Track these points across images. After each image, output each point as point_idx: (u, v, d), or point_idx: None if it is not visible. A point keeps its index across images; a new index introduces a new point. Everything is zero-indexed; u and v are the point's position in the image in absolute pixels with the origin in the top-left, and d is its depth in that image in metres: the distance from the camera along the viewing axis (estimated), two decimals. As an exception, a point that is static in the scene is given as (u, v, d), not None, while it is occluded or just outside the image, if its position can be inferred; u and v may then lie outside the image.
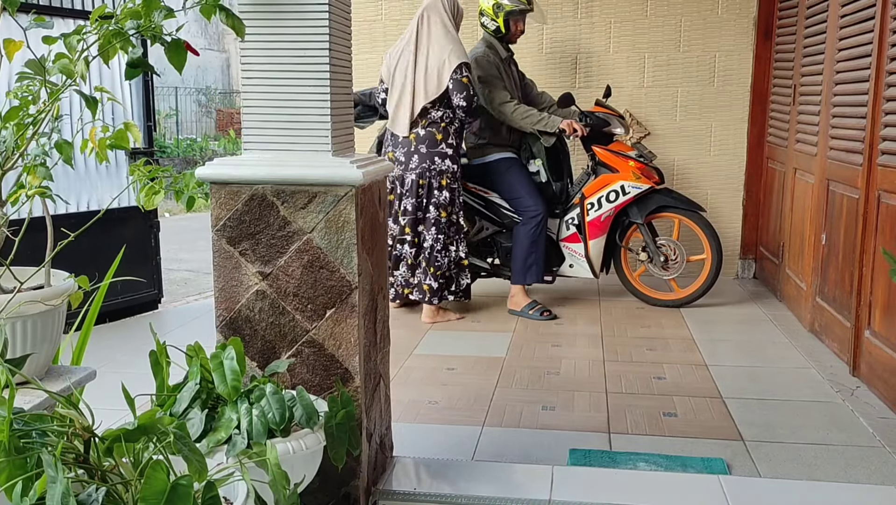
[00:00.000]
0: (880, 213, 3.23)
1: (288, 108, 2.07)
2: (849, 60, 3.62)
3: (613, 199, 4.44)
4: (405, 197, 4.22)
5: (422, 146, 4.17)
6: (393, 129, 4.25)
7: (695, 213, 4.47)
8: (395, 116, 4.23)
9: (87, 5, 4.25)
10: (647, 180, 4.44)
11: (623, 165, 4.46)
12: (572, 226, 4.54)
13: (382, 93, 4.35)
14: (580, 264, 4.55)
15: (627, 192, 4.43)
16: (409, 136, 4.18)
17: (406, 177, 4.20)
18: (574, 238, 4.54)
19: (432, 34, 4.13)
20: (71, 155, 1.82)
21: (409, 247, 4.27)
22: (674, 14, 5.21)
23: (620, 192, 4.44)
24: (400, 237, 4.27)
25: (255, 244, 2.10)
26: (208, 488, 1.32)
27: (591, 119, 4.52)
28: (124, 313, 4.44)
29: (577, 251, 4.53)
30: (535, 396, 3.23)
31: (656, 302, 4.62)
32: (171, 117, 15.92)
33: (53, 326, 1.76)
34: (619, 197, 4.44)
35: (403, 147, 4.20)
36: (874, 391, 3.21)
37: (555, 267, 4.64)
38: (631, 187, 4.42)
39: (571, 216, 4.54)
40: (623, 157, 4.48)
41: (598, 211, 4.47)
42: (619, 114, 4.65)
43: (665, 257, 4.57)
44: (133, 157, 4.43)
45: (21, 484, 1.22)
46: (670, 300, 4.60)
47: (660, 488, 2.36)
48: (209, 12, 1.79)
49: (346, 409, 1.91)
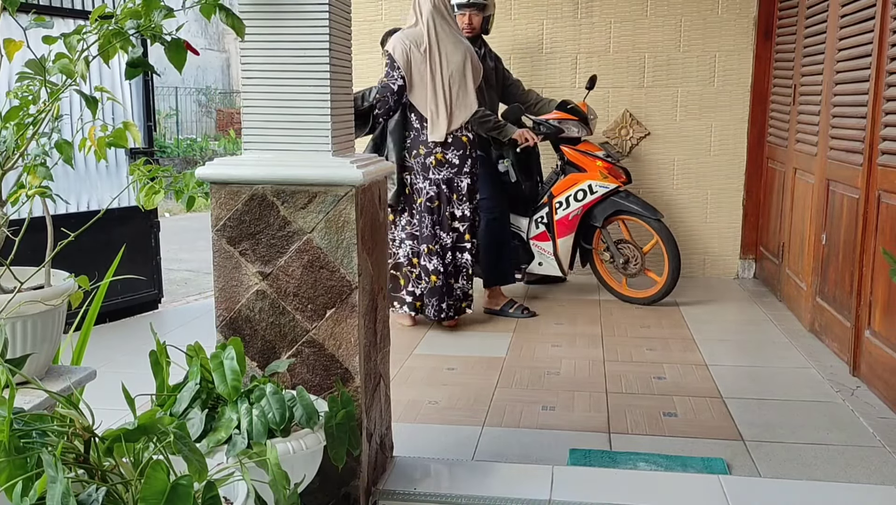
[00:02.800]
0: (880, 213, 3.23)
1: (288, 108, 2.07)
2: (849, 60, 3.62)
3: (581, 198, 4.54)
4: (461, 202, 4.07)
5: (474, 150, 4.11)
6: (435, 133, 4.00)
7: (653, 219, 4.54)
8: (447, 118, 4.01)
9: (87, 5, 4.25)
10: (614, 179, 4.53)
11: (591, 165, 4.55)
12: (541, 224, 4.64)
13: (400, 80, 3.97)
14: (549, 262, 4.67)
15: (595, 191, 4.53)
16: (461, 137, 4.04)
17: (460, 181, 4.06)
18: (543, 237, 4.65)
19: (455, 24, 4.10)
20: (71, 155, 1.82)
21: (468, 255, 4.12)
22: (674, 14, 5.21)
23: (588, 191, 4.54)
24: (459, 245, 4.11)
25: (255, 244, 2.10)
26: (208, 488, 1.32)
27: (544, 127, 4.61)
28: (124, 313, 4.44)
29: (546, 249, 4.65)
30: (535, 396, 3.23)
31: (627, 298, 4.73)
32: (171, 117, 15.92)
33: (53, 326, 1.76)
34: (587, 196, 4.54)
35: (458, 149, 4.04)
36: (874, 391, 3.21)
37: (524, 265, 4.75)
38: (598, 186, 4.52)
39: (540, 215, 4.65)
40: (591, 157, 4.57)
41: (566, 210, 4.57)
42: (583, 116, 4.68)
43: (625, 259, 4.67)
44: (133, 156, 4.43)
45: (21, 484, 1.22)
46: (640, 298, 4.70)
47: (660, 488, 2.36)
48: (209, 12, 1.79)
49: (346, 409, 1.91)
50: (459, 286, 4.14)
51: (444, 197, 4.06)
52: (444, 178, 4.05)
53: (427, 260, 4.06)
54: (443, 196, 4.06)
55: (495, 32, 5.37)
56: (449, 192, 4.07)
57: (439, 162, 4.03)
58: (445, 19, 4.03)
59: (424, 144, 4.04)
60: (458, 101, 4.03)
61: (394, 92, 3.97)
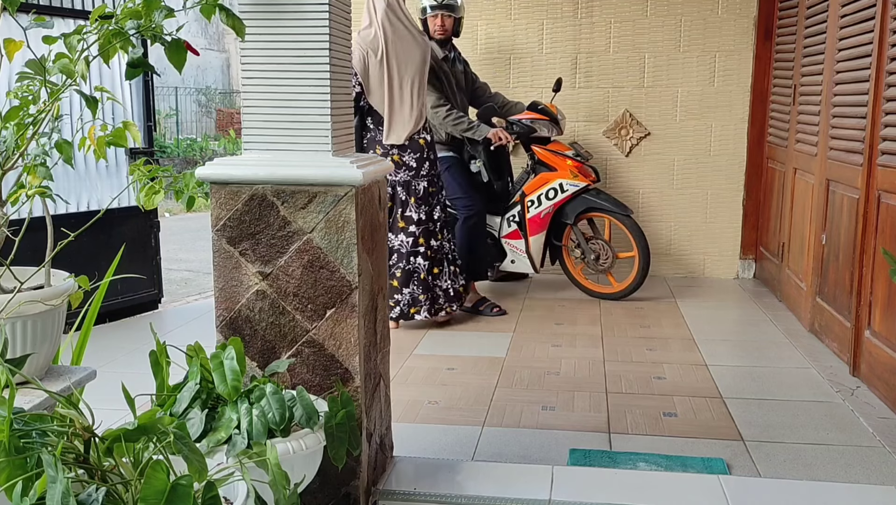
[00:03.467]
0: (880, 213, 3.23)
1: (288, 108, 2.07)
2: (849, 60, 3.62)
3: (552, 196, 4.62)
4: (418, 206, 4.03)
5: (431, 152, 4.10)
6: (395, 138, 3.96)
7: (623, 215, 4.64)
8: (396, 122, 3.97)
9: (87, 5, 4.25)
10: (584, 178, 4.62)
11: (561, 164, 4.64)
12: (513, 223, 4.72)
13: (357, 86, 3.92)
14: (521, 260, 4.75)
15: (566, 189, 4.60)
16: (419, 140, 4.03)
17: (417, 184, 4.04)
18: (515, 235, 4.72)
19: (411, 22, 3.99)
20: (71, 155, 1.82)
21: (422, 259, 4.08)
22: (674, 14, 5.21)
23: (559, 190, 4.61)
24: (413, 249, 4.06)
25: (255, 244, 2.10)
26: (208, 488, 1.32)
27: (517, 126, 4.68)
28: (124, 313, 4.44)
29: (518, 247, 4.73)
30: (535, 396, 3.23)
31: (597, 295, 4.82)
32: (171, 117, 15.92)
33: (53, 326, 1.76)
34: (558, 194, 4.62)
35: (414, 152, 4.02)
36: (874, 391, 3.21)
37: (497, 263, 4.84)
38: (569, 185, 4.60)
39: (512, 213, 4.72)
40: (561, 157, 4.66)
41: (537, 208, 4.64)
42: (553, 117, 4.74)
43: (596, 255, 4.76)
44: (133, 156, 4.43)
45: (21, 484, 1.22)
46: (608, 293, 4.81)
47: (660, 488, 2.36)
48: (209, 12, 1.79)
49: (346, 409, 1.91)
50: (409, 291, 4.09)
51: (399, 200, 4.04)
52: (402, 180, 4.03)
53: None
54: (397, 199, 4.04)
55: (495, 32, 5.38)
56: (406, 195, 4.05)
57: (396, 164, 4.00)
58: (400, 19, 3.92)
59: (381, 145, 4.01)
60: (418, 102, 3.99)
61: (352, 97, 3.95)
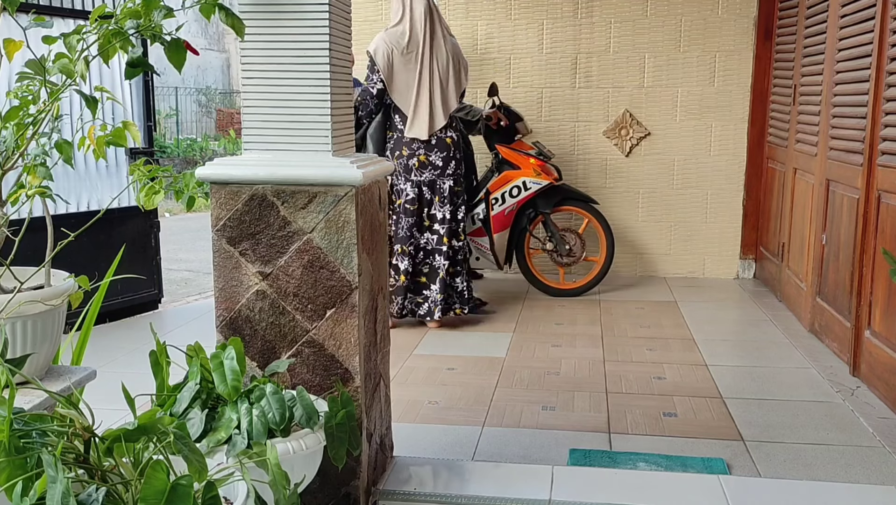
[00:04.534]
0: (880, 213, 3.23)
1: (288, 108, 2.07)
2: (849, 60, 3.62)
3: (516, 194, 4.68)
4: (442, 204, 4.07)
5: (457, 151, 4.11)
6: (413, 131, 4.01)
7: (590, 205, 4.79)
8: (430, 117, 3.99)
9: (87, 5, 4.25)
10: (546, 176, 4.68)
11: (524, 163, 4.70)
12: (478, 220, 4.77)
13: (379, 83, 3.97)
14: (486, 257, 4.81)
15: (529, 187, 4.66)
16: (445, 139, 4.05)
17: (442, 183, 4.07)
18: (480, 232, 4.78)
19: (444, 23, 4.07)
20: (71, 155, 1.82)
21: (443, 259, 4.11)
22: (674, 14, 5.21)
23: (522, 188, 4.67)
24: (437, 247, 4.11)
25: (255, 244, 2.10)
26: (208, 488, 1.32)
27: (505, 111, 4.78)
28: (124, 313, 4.44)
29: (482, 245, 4.79)
30: (535, 396, 3.23)
31: (556, 292, 4.89)
32: (171, 117, 15.92)
33: (53, 326, 1.76)
34: (521, 192, 4.68)
35: (441, 151, 4.05)
36: (874, 391, 3.21)
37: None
38: (532, 183, 4.66)
39: (477, 211, 4.76)
40: (524, 155, 4.72)
41: (501, 206, 4.69)
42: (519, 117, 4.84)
43: (568, 246, 4.85)
44: (133, 156, 4.43)
45: (21, 484, 1.22)
46: (569, 289, 4.90)
47: (660, 488, 2.36)
48: (209, 12, 1.79)
49: (346, 409, 1.91)
50: (436, 288, 4.11)
51: (425, 199, 4.07)
52: (427, 179, 4.05)
53: (399, 260, 4.08)
54: (423, 198, 4.07)
55: (495, 32, 5.38)
56: (431, 195, 4.07)
57: (422, 164, 4.03)
58: (435, 18, 4.01)
59: (408, 146, 4.03)
60: (442, 100, 4.02)
61: (373, 96, 3.97)
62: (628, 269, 5.47)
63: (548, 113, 5.40)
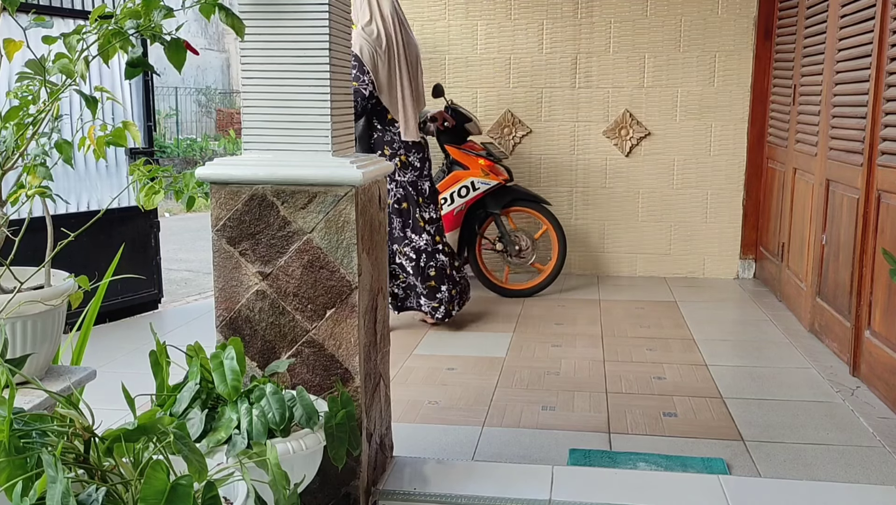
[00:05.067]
0: (880, 213, 3.23)
1: (288, 108, 2.07)
2: (849, 60, 3.62)
3: (465, 194, 4.72)
4: (426, 204, 4.07)
5: (427, 151, 4.10)
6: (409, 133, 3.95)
7: (542, 206, 4.82)
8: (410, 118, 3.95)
9: (87, 5, 4.25)
10: (495, 177, 4.71)
11: (473, 163, 4.73)
12: None
13: (371, 84, 3.83)
14: None
15: (477, 187, 4.70)
16: (420, 141, 4.03)
17: (422, 184, 4.06)
18: None
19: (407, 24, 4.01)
20: (71, 155, 1.82)
21: (444, 256, 4.10)
22: (674, 14, 5.21)
23: (471, 188, 4.71)
24: (435, 247, 4.08)
25: (255, 244, 2.10)
26: (208, 488, 1.32)
27: (453, 112, 4.77)
28: (124, 313, 4.44)
29: None
30: (535, 396, 3.23)
31: (509, 293, 4.89)
32: (171, 117, 15.92)
33: (53, 326, 1.76)
34: (470, 192, 4.72)
35: (418, 152, 4.03)
36: (874, 391, 3.21)
37: None
38: (480, 183, 4.70)
39: None
40: (473, 156, 4.75)
41: (451, 206, 4.74)
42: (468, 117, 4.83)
43: (518, 247, 4.87)
44: (133, 156, 4.43)
45: (21, 484, 1.22)
46: (523, 289, 4.90)
47: (660, 488, 2.36)
48: (209, 12, 1.79)
49: (346, 409, 1.91)
50: (447, 288, 4.11)
51: (412, 199, 4.05)
52: (409, 180, 4.03)
53: (403, 258, 4.08)
54: (410, 198, 4.04)
55: (495, 32, 5.38)
56: (416, 195, 4.06)
57: (403, 164, 3.99)
58: (401, 16, 3.95)
59: (389, 146, 3.98)
60: (415, 99, 4.00)
61: (365, 97, 3.84)
62: (628, 269, 5.47)
63: (548, 113, 5.40)
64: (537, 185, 5.46)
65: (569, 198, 5.45)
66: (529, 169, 5.46)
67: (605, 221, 5.45)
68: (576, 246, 5.47)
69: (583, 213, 5.45)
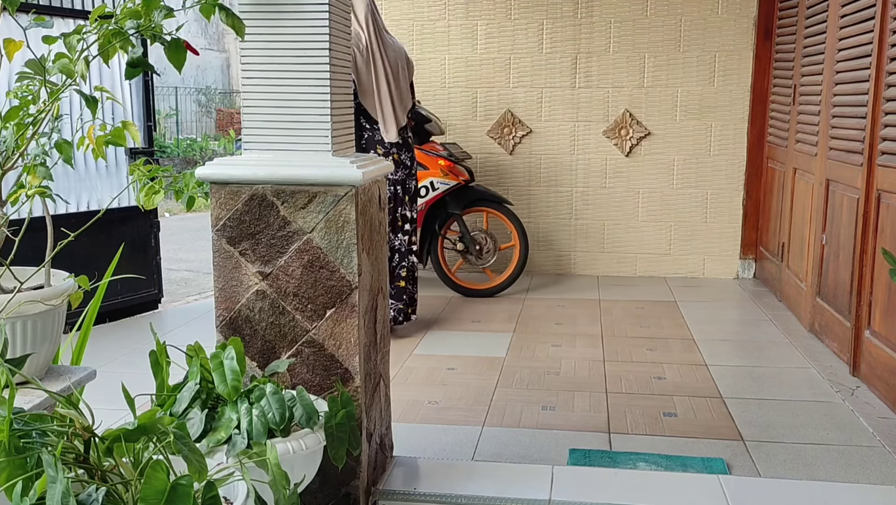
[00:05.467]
0: (880, 213, 3.23)
1: (288, 108, 2.07)
2: (849, 60, 3.62)
3: (424, 194, 4.71)
4: (410, 204, 4.06)
5: (413, 151, 4.10)
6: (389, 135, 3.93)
7: (502, 205, 4.82)
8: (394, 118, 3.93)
9: (87, 5, 4.25)
10: (454, 177, 4.72)
11: (433, 163, 4.72)
12: None
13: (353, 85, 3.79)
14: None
15: (437, 187, 4.70)
16: (407, 140, 4.04)
17: (409, 182, 4.06)
18: None
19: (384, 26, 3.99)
20: (71, 155, 1.82)
21: (416, 258, 4.11)
22: (674, 14, 5.21)
23: (430, 188, 4.71)
24: (409, 248, 4.08)
25: (255, 244, 2.10)
26: (208, 488, 1.32)
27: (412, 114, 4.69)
28: (124, 313, 4.44)
29: None
30: (535, 396, 3.23)
31: (471, 293, 4.89)
32: (171, 117, 15.92)
33: (53, 326, 1.76)
34: (430, 192, 4.72)
35: (407, 151, 4.04)
36: (874, 391, 3.21)
37: None
38: (440, 183, 4.70)
39: None
40: (433, 156, 4.75)
41: None
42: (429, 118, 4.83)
43: (479, 247, 4.88)
44: (133, 156, 4.43)
45: (21, 484, 1.22)
46: (485, 289, 4.89)
47: (660, 488, 2.36)
48: (209, 12, 1.79)
49: (346, 409, 1.91)
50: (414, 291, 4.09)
51: (399, 199, 4.05)
52: (399, 178, 4.04)
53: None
54: (397, 198, 4.04)
55: (495, 32, 5.38)
56: (402, 194, 4.05)
57: (395, 163, 3.98)
58: (377, 19, 3.91)
59: (381, 145, 3.97)
60: (400, 100, 3.98)
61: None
62: (628, 269, 5.47)
63: (548, 113, 5.40)
64: (537, 185, 5.46)
65: (569, 198, 5.45)
66: (529, 169, 5.47)
67: (604, 221, 5.45)
68: (576, 246, 5.47)
69: (583, 212, 5.45)
